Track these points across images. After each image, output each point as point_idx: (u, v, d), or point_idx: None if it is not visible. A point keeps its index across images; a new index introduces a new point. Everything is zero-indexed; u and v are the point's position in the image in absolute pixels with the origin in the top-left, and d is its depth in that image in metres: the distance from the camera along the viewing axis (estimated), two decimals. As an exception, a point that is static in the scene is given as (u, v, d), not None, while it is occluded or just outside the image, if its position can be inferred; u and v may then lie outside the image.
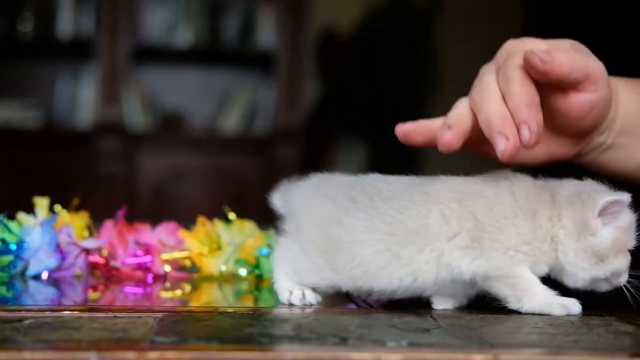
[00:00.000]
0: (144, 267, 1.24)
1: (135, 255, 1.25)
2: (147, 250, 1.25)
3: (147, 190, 4.52)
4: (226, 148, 4.57)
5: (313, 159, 4.67)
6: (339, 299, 1.03)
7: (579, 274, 0.94)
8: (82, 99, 4.59)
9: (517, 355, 0.75)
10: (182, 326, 0.85)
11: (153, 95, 4.69)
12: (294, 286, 0.99)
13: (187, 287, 1.20)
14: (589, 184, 0.97)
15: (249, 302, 1.14)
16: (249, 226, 1.32)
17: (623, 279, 0.95)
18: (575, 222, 0.94)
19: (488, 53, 1.04)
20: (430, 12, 4.92)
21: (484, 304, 0.99)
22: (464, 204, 0.95)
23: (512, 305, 0.94)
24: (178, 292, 1.18)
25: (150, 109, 4.65)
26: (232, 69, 4.79)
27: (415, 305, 0.99)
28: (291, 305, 0.98)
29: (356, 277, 0.96)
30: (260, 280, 1.25)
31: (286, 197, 1.04)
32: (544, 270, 0.96)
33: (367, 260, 0.95)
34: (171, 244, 1.28)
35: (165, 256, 1.26)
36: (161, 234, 1.28)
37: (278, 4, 4.56)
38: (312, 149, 4.65)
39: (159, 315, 0.89)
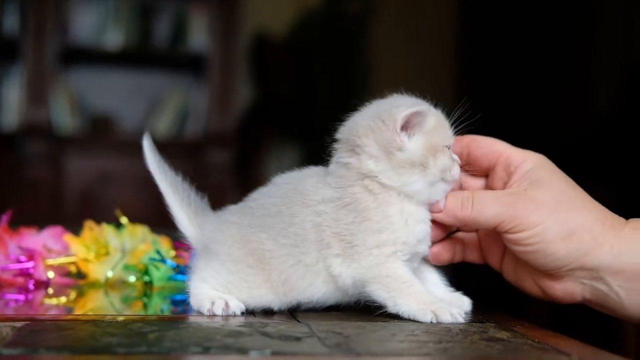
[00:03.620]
0: (25, 273, 1.19)
1: (18, 261, 1.19)
2: (31, 255, 1.20)
3: (75, 195, 4.42)
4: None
5: (245, 163, 4.62)
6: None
7: (414, 186, 0.92)
8: (8, 101, 4.48)
9: (381, 364, 0.72)
10: (38, 336, 0.80)
11: (82, 98, 4.59)
12: (217, 296, 0.95)
13: (72, 294, 1.15)
14: (391, 100, 0.96)
15: (136, 309, 1.10)
16: (141, 231, 1.27)
17: (455, 172, 0.94)
18: (380, 144, 0.92)
19: (419, 57, 1.03)
20: (362, 17, 4.91)
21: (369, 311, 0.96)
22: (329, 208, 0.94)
23: (390, 308, 0.92)
24: (62, 299, 1.13)
25: (78, 112, 4.55)
26: (163, 72, 4.71)
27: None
28: (213, 315, 0.94)
29: (287, 292, 0.95)
30: (149, 287, 1.20)
31: (198, 233, 1.02)
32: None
33: (289, 273, 0.94)
34: (57, 249, 1.23)
35: (50, 262, 1.20)
36: (46, 238, 1.23)
37: (210, 7, 4.50)
38: (243, 153, 4.61)
39: (20, 324, 0.85)
